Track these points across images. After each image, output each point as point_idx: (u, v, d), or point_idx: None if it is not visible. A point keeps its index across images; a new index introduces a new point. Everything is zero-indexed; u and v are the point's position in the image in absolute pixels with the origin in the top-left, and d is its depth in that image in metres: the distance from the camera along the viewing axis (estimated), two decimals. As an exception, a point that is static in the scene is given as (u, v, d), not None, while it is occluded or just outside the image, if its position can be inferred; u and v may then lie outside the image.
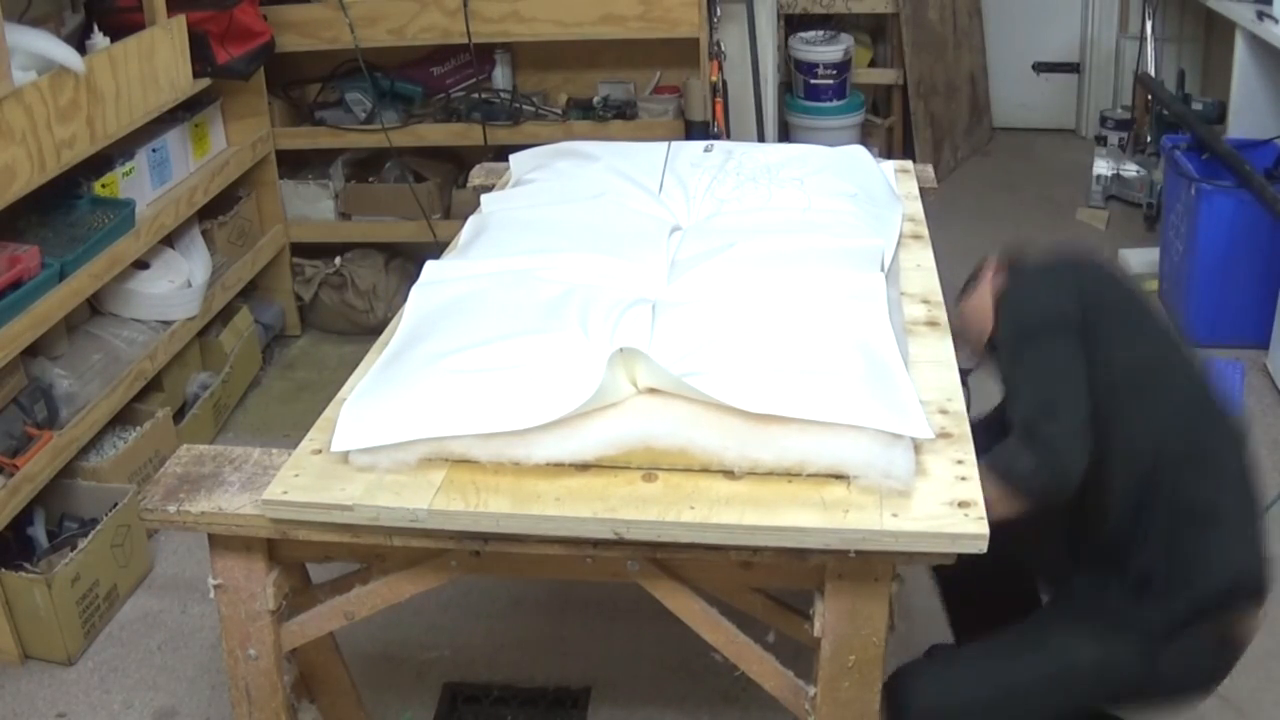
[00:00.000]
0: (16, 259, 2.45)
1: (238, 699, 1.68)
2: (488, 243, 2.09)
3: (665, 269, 1.96)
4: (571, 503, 1.45)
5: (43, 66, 2.47)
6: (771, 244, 1.99)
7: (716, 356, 1.59)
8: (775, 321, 1.70)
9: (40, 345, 2.60)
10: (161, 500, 1.57)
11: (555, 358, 1.60)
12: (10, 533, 2.47)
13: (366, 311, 3.77)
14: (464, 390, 1.55)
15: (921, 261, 2.17)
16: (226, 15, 3.22)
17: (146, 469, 2.78)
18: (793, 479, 1.47)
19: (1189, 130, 3.82)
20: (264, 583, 1.60)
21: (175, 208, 3.10)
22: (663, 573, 1.53)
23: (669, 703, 2.27)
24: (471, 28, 3.47)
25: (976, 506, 1.41)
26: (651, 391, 1.54)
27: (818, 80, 4.68)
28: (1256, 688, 2.24)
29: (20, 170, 2.39)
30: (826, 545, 1.40)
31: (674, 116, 3.61)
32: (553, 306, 1.74)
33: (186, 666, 2.41)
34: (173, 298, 3.06)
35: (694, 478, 1.48)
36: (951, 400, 1.66)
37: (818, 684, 1.53)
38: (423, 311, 1.84)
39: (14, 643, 2.40)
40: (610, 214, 2.17)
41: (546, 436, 1.49)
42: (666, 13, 3.44)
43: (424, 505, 1.45)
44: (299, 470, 1.54)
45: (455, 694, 2.31)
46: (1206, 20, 4.56)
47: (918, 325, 1.89)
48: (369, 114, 3.66)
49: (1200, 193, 3.42)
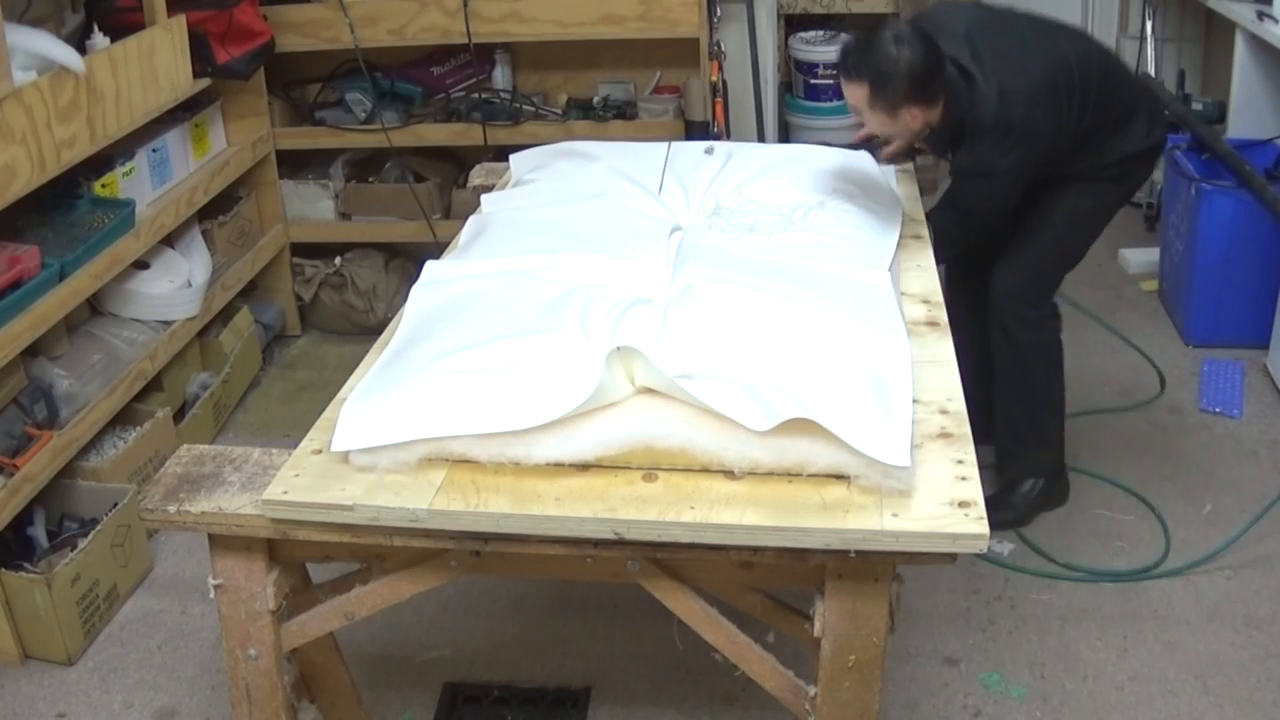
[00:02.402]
0: (16, 259, 2.45)
1: (238, 699, 1.68)
2: (488, 243, 2.09)
3: (665, 269, 1.97)
4: (571, 503, 1.45)
5: (43, 66, 2.47)
6: (780, 251, 2.00)
7: (717, 360, 1.59)
8: (780, 328, 1.69)
9: (40, 345, 2.60)
10: (161, 500, 1.57)
11: (555, 358, 1.60)
12: (10, 533, 2.47)
13: (366, 311, 3.77)
14: (464, 390, 1.55)
15: (921, 262, 2.18)
16: (226, 15, 3.22)
17: (146, 469, 2.78)
18: (793, 479, 1.47)
19: (1189, 130, 3.82)
20: (264, 583, 1.60)
21: (175, 208, 3.10)
22: (663, 573, 1.53)
23: (669, 703, 2.27)
24: (471, 28, 3.47)
25: (976, 506, 1.41)
26: (651, 392, 1.55)
27: (818, 80, 4.67)
28: (1256, 688, 2.24)
29: (20, 170, 2.39)
30: (827, 545, 1.40)
31: (674, 116, 3.61)
32: (553, 307, 1.74)
33: (186, 666, 2.41)
34: (173, 298, 3.06)
35: (694, 478, 1.49)
36: (951, 400, 1.66)
37: (818, 684, 1.53)
38: (423, 311, 1.84)
39: (14, 643, 2.40)
40: (610, 214, 2.17)
41: (546, 436, 1.49)
42: (666, 13, 3.44)
43: (424, 505, 1.45)
44: (299, 470, 1.54)
45: (455, 694, 2.31)
46: (1206, 20, 4.56)
47: (918, 325, 1.90)
48: (369, 114, 3.66)
49: (1200, 193, 3.42)
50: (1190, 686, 2.26)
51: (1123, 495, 2.85)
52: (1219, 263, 3.43)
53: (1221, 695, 2.23)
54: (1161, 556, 2.62)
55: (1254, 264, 3.39)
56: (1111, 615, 2.46)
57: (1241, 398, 3.22)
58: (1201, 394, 3.25)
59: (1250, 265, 3.39)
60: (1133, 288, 3.92)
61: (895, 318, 1.78)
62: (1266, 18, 3.48)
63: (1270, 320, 3.29)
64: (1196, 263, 3.47)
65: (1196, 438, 3.07)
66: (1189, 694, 2.24)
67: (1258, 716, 2.19)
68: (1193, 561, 2.58)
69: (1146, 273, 3.99)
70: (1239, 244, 3.39)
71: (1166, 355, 3.45)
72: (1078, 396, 3.25)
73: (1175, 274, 3.70)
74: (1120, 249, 4.11)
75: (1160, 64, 4.52)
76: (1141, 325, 3.64)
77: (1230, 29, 3.83)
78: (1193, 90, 4.32)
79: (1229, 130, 3.81)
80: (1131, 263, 4.05)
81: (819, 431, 1.44)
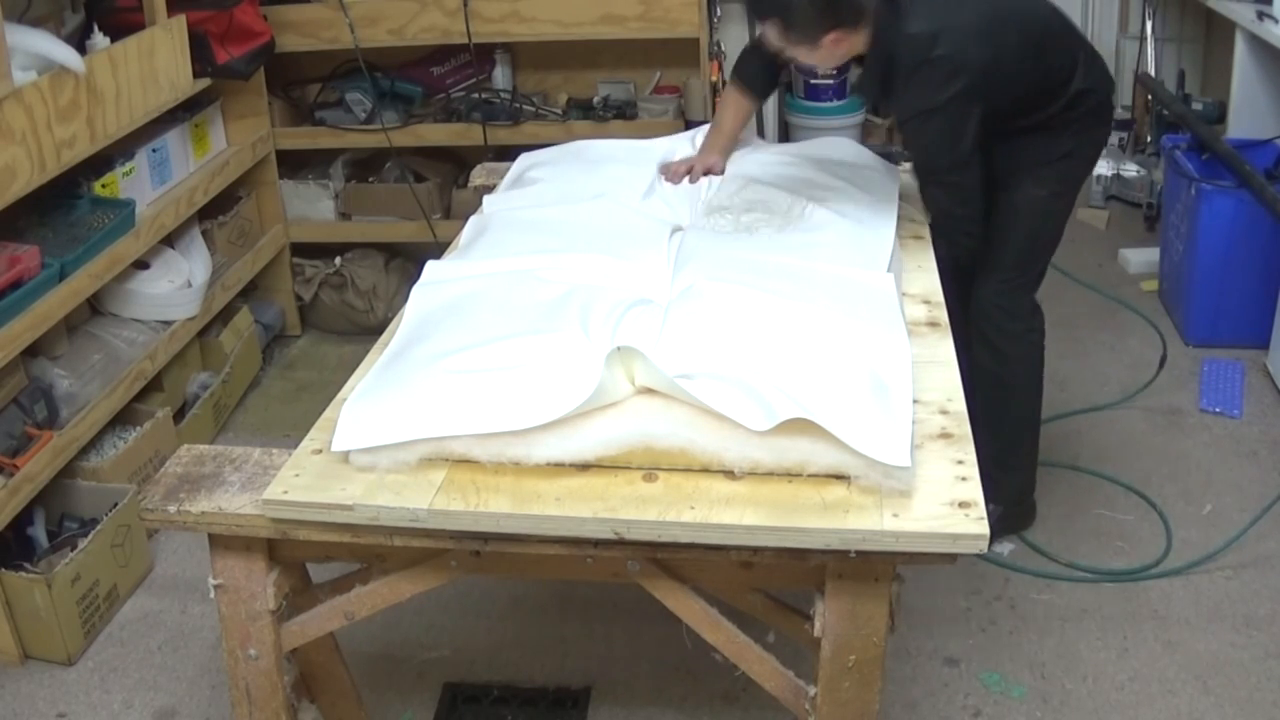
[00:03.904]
0: (16, 259, 2.45)
1: (238, 699, 1.68)
2: (489, 243, 2.09)
3: (665, 270, 1.96)
4: (572, 503, 1.45)
5: (43, 66, 2.47)
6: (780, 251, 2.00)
7: (717, 360, 1.59)
8: (781, 328, 1.69)
9: (40, 345, 2.60)
10: (161, 500, 1.57)
11: (556, 358, 1.60)
12: (10, 533, 2.47)
13: (366, 311, 3.77)
14: (464, 390, 1.55)
15: (922, 262, 2.18)
16: (226, 15, 3.22)
17: (146, 469, 2.78)
18: (793, 479, 1.47)
19: (1189, 130, 3.82)
20: (264, 583, 1.60)
21: (175, 208, 3.10)
22: (663, 573, 1.53)
23: (669, 703, 2.27)
24: (471, 28, 3.47)
25: (977, 507, 1.41)
26: (651, 391, 1.54)
27: (818, 80, 4.67)
28: (1256, 688, 2.24)
29: (20, 170, 2.39)
30: (827, 545, 1.40)
31: (674, 116, 3.61)
32: (554, 307, 1.74)
33: (186, 666, 2.41)
34: (173, 298, 3.06)
35: (694, 478, 1.49)
36: (952, 400, 1.66)
37: (818, 684, 1.53)
38: (423, 311, 1.84)
39: (14, 643, 2.40)
40: (611, 214, 2.17)
41: (547, 436, 1.49)
42: (666, 13, 3.44)
43: (424, 505, 1.45)
44: (299, 470, 1.54)
45: (455, 694, 2.31)
46: (1206, 20, 4.56)
47: (918, 325, 1.89)
48: (369, 114, 3.66)
49: (1200, 193, 3.42)
50: (1190, 686, 2.26)
51: (1123, 495, 2.85)
52: (1219, 263, 3.43)
53: (1221, 695, 2.23)
54: (1162, 555, 2.62)
55: (1254, 264, 3.39)
56: (1111, 615, 2.46)
57: (1241, 398, 3.22)
58: (1201, 394, 3.25)
59: (1250, 265, 3.39)
60: (1133, 288, 3.92)
61: (896, 318, 1.78)
62: (1266, 18, 3.48)
63: (1270, 320, 3.29)
64: (1196, 263, 3.47)
65: (1196, 438, 3.08)
66: (1189, 694, 2.24)
67: (1258, 716, 2.18)
68: (1193, 561, 2.58)
69: (1146, 273, 3.99)
70: (1239, 244, 3.39)
71: (1167, 355, 3.45)
72: (1078, 396, 3.26)
73: (1175, 274, 3.70)
74: (1120, 249, 4.11)
75: (1160, 64, 4.52)
76: (1142, 325, 3.63)
77: (1230, 29, 3.83)
78: (1193, 90, 4.32)
79: (1229, 130, 3.81)
80: (1131, 263, 4.05)
81: (819, 431, 1.44)
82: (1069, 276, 3.17)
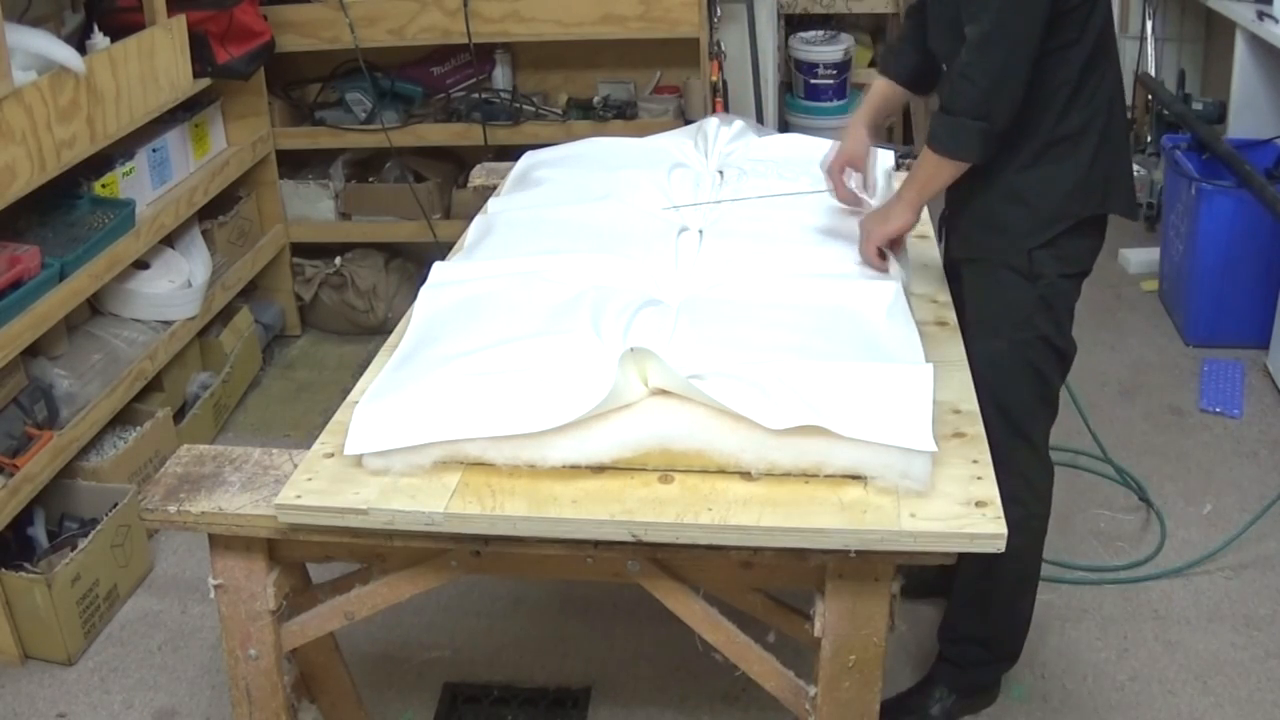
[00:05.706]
0: (16, 259, 2.45)
1: (238, 699, 1.68)
2: (495, 243, 2.08)
3: (674, 269, 1.96)
4: (588, 505, 1.44)
5: (43, 66, 2.47)
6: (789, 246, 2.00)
7: (730, 360, 1.58)
8: (794, 326, 1.69)
9: (40, 345, 2.60)
10: (162, 500, 1.57)
11: (568, 359, 1.58)
12: (10, 533, 2.47)
13: (367, 311, 3.77)
14: (478, 392, 1.54)
15: (927, 261, 2.17)
16: (226, 15, 3.22)
17: (146, 469, 2.78)
18: (809, 480, 1.46)
19: (1189, 130, 3.82)
20: (264, 583, 1.60)
21: (175, 208, 3.09)
22: (663, 573, 1.53)
23: (669, 703, 2.27)
24: (471, 28, 3.47)
25: (993, 506, 1.41)
26: (665, 393, 1.53)
27: (818, 80, 4.68)
28: (1256, 688, 2.24)
29: (20, 170, 2.39)
30: (845, 546, 1.39)
31: (674, 116, 3.61)
32: (564, 308, 1.73)
33: (186, 666, 2.41)
34: (173, 298, 3.06)
35: (711, 479, 1.47)
36: (963, 400, 1.66)
37: (818, 684, 1.53)
38: (432, 313, 1.83)
39: (14, 643, 2.40)
40: (617, 215, 2.16)
41: (562, 439, 1.48)
42: (666, 13, 3.44)
43: (440, 509, 1.44)
44: (312, 474, 1.53)
45: (455, 694, 2.31)
46: (1206, 20, 4.56)
47: (927, 325, 1.89)
48: (369, 114, 3.66)
49: (1200, 193, 3.42)
50: (1190, 686, 2.26)
51: (1123, 495, 2.85)
52: (1219, 263, 3.43)
53: (1221, 695, 2.23)
54: (1153, 553, 2.62)
55: (1254, 264, 3.39)
56: (1111, 615, 2.46)
57: (1241, 398, 3.22)
58: (1201, 394, 3.26)
59: (1250, 265, 3.40)
60: (1133, 288, 3.92)
61: (906, 315, 1.77)
62: (1266, 18, 3.48)
63: (1270, 320, 3.29)
64: (1196, 263, 3.47)
65: (1196, 438, 3.07)
66: (1189, 694, 2.24)
67: (1258, 716, 2.19)
68: (1193, 561, 2.58)
69: (1146, 273, 3.99)
70: (1239, 244, 3.39)
71: (1167, 355, 3.45)
72: (1077, 395, 3.26)
73: (1175, 274, 3.70)
74: (1120, 249, 4.11)
75: (1160, 64, 4.52)
76: (1142, 325, 3.64)
77: (1230, 29, 3.83)
78: (1193, 90, 4.32)
79: (1229, 130, 3.81)
80: (1131, 263, 4.05)
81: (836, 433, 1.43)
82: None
